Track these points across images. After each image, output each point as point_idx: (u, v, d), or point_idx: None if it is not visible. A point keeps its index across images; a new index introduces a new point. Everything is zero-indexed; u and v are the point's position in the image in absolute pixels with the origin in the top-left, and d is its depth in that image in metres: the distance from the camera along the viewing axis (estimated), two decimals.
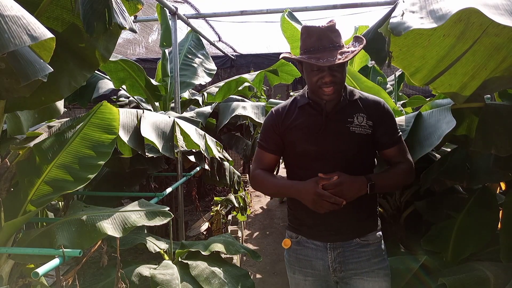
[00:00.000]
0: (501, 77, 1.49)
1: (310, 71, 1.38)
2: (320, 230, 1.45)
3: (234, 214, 4.66)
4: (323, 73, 1.35)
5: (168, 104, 3.89)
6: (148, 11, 4.61)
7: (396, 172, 1.45)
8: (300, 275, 1.50)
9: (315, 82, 1.37)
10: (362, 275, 1.43)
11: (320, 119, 1.43)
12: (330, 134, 1.41)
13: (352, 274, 1.44)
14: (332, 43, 1.36)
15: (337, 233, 1.44)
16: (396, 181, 1.46)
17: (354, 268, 1.43)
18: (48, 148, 1.69)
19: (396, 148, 1.47)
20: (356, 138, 1.41)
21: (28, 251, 1.51)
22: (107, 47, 1.81)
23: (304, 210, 1.45)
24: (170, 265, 2.21)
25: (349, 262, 1.43)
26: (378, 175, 1.43)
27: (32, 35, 1.03)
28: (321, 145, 1.41)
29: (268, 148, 1.53)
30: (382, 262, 1.47)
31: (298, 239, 1.51)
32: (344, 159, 1.40)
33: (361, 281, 1.43)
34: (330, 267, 1.44)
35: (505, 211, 1.90)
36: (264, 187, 1.54)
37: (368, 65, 4.04)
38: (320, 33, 1.37)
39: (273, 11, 3.99)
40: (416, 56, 1.35)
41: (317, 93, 1.40)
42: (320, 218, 1.42)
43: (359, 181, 1.35)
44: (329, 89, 1.36)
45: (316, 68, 1.35)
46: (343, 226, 1.43)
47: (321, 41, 1.36)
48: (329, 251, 1.44)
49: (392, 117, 1.49)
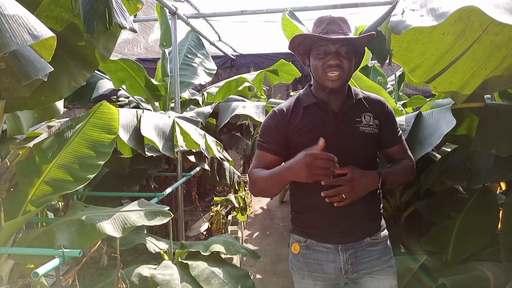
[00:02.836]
0: (501, 76, 1.49)
1: (316, 57, 1.37)
2: (332, 232, 1.42)
3: (234, 214, 4.65)
4: (329, 56, 1.34)
5: (168, 104, 3.89)
6: (148, 11, 4.61)
7: (403, 168, 1.45)
8: (309, 279, 1.46)
9: (321, 67, 1.36)
10: (373, 274, 1.42)
11: (328, 119, 1.41)
12: (341, 135, 1.39)
13: (364, 274, 1.42)
14: (341, 29, 1.37)
15: (349, 234, 1.41)
16: (403, 177, 1.46)
17: (366, 268, 1.42)
18: (48, 148, 1.69)
19: (398, 146, 1.49)
20: (365, 138, 1.41)
21: (28, 251, 1.51)
22: (107, 47, 1.81)
23: (314, 212, 1.43)
24: (170, 265, 2.21)
25: (361, 262, 1.42)
26: (387, 171, 1.42)
27: (33, 34, 1.03)
28: (332, 146, 1.36)
29: (270, 149, 1.45)
30: (391, 260, 1.47)
31: (307, 243, 1.46)
32: (353, 158, 1.37)
33: (372, 280, 1.42)
34: (342, 269, 1.41)
35: (505, 211, 1.90)
36: (257, 182, 1.42)
37: (368, 65, 4.04)
38: (330, 20, 1.39)
39: (273, 11, 3.99)
40: (416, 53, 1.35)
41: (322, 80, 1.38)
42: (331, 219, 1.40)
43: (370, 176, 1.34)
44: (334, 74, 1.34)
45: (323, 52, 1.35)
46: (355, 226, 1.41)
47: (330, 26, 1.37)
48: (341, 253, 1.41)
49: (394, 116, 1.50)
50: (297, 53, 1.48)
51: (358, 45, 1.42)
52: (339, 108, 1.43)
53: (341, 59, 1.34)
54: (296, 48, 1.46)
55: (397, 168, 1.45)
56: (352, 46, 1.38)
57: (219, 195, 6.08)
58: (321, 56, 1.36)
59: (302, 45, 1.43)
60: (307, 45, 1.42)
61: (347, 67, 1.36)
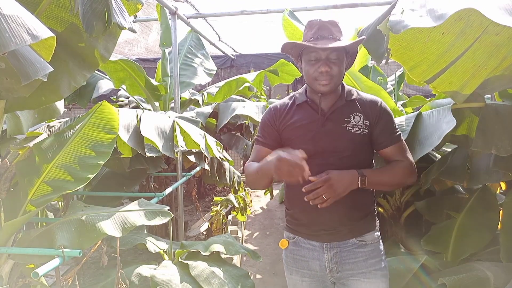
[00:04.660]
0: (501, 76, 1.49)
1: (307, 62, 1.39)
2: (316, 229, 1.44)
3: (234, 214, 4.65)
4: (320, 62, 1.36)
5: (168, 104, 3.89)
6: (148, 11, 4.61)
7: (392, 169, 1.42)
8: (297, 275, 1.50)
9: (312, 73, 1.38)
10: (359, 276, 1.42)
11: (317, 117, 1.44)
12: (327, 134, 1.41)
13: (349, 275, 1.43)
14: (331, 35, 1.38)
15: (333, 233, 1.43)
16: (392, 178, 1.42)
17: (351, 269, 1.43)
18: (47, 148, 1.69)
19: (394, 147, 1.45)
20: (352, 138, 1.41)
21: (28, 251, 1.51)
22: (106, 47, 1.81)
23: (299, 209, 1.45)
24: (170, 265, 2.21)
25: (346, 262, 1.43)
26: (371, 170, 1.42)
27: (33, 34, 1.03)
28: (318, 144, 1.41)
29: (266, 143, 1.51)
30: (379, 263, 1.45)
31: (295, 239, 1.51)
32: (340, 158, 1.39)
33: (358, 282, 1.42)
34: (326, 267, 1.43)
35: (505, 211, 1.90)
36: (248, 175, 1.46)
37: (368, 65, 4.04)
38: (320, 24, 1.39)
39: (273, 11, 3.99)
40: (416, 51, 1.35)
41: (313, 85, 1.41)
42: (315, 217, 1.42)
43: (348, 174, 1.34)
44: (324, 81, 1.36)
45: (314, 59, 1.37)
46: (338, 225, 1.42)
47: (320, 31, 1.38)
48: (326, 251, 1.44)
49: (389, 116, 1.48)
50: (290, 55, 1.50)
51: (349, 47, 1.42)
52: (328, 107, 1.45)
53: (331, 65, 1.36)
54: (288, 52, 1.48)
55: (384, 168, 1.44)
56: (343, 50, 1.39)
57: (219, 195, 6.08)
58: (312, 63, 1.38)
59: (294, 50, 1.46)
60: (298, 50, 1.44)
61: (337, 73, 1.38)
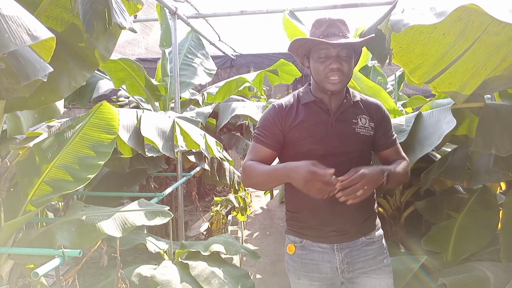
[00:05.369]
0: (501, 76, 1.49)
1: (317, 60, 1.37)
2: (327, 231, 1.42)
3: (234, 214, 4.65)
4: (330, 60, 1.34)
5: (168, 104, 3.89)
6: (148, 11, 4.61)
7: (404, 168, 1.45)
8: (306, 280, 1.46)
9: (322, 71, 1.36)
10: (369, 273, 1.43)
11: (326, 118, 1.42)
12: (337, 134, 1.40)
13: (360, 273, 1.43)
14: (341, 32, 1.37)
15: (344, 233, 1.42)
16: (403, 175, 1.44)
17: (362, 267, 1.42)
18: (48, 148, 1.69)
19: (393, 149, 1.51)
20: (360, 139, 1.42)
21: (28, 251, 1.51)
22: (107, 47, 1.81)
23: (309, 211, 1.43)
24: (170, 265, 2.21)
25: (357, 261, 1.42)
26: (389, 167, 1.40)
27: (33, 35, 1.02)
28: (328, 146, 1.39)
29: (266, 143, 1.43)
30: (386, 259, 1.48)
31: (302, 243, 1.46)
32: (348, 159, 1.39)
33: (369, 279, 1.42)
34: (338, 268, 1.42)
35: (505, 211, 1.90)
36: (254, 176, 1.39)
37: (368, 65, 4.04)
38: (330, 22, 1.38)
39: (273, 11, 3.99)
40: (416, 53, 1.35)
41: (323, 83, 1.38)
42: (327, 219, 1.40)
43: (378, 171, 1.32)
44: (335, 78, 1.35)
45: (324, 56, 1.35)
46: (349, 225, 1.42)
47: (330, 29, 1.37)
48: (337, 252, 1.42)
49: (389, 119, 1.53)
50: (296, 54, 1.48)
51: (356, 46, 1.42)
52: (336, 108, 1.44)
53: (342, 62, 1.35)
54: (295, 50, 1.46)
55: (398, 167, 1.44)
56: (351, 48, 1.39)
57: (219, 195, 6.08)
58: (322, 60, 1.36)
59: (302, 47, 1.44)
60: (307, 48, 1.42)
61: (347, 70, 1.37)
